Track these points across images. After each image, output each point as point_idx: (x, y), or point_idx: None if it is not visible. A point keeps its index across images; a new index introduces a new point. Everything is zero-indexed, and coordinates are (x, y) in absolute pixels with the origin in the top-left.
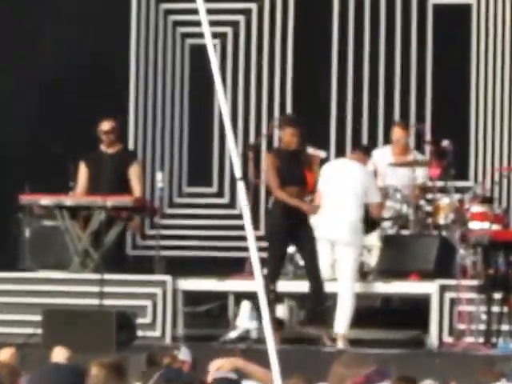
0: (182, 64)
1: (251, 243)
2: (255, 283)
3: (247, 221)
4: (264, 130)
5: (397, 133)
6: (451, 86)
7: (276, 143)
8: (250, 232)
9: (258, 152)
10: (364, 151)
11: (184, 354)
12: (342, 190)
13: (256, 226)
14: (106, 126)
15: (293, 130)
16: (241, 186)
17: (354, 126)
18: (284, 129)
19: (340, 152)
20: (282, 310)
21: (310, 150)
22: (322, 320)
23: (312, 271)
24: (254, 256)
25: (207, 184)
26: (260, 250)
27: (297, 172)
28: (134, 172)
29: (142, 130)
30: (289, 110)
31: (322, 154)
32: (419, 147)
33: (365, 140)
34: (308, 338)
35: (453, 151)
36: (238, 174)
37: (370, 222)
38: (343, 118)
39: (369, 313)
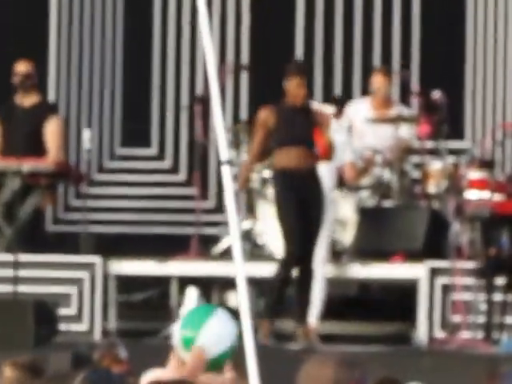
0: (114, 2)
1: (234, 230)
2: (235, 270)
3: (231, 207)
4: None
5: (377, 80)
6: (443, 24)
7: (229, 94)
8: (233, 217)
9: (206, 105)
10: (336, 104)
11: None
12: None
13: (204, 195)
14: (21, 67)
15: (300, 81)
16: (226, 171)
17: (324, 73)
18: (290, 79)
19: None
20: (234, 298)
21: (316, 106)
22: (287, 311)
23: (305, 256)
24: (236, 242)
25: (145, 144)
26: (209, 224)
27: (301, 132)
28: (50, 128)
29: (66, 78)
30: (244, 55)
31: (330, 109)
32: (405, 100)
33: (338, 90)
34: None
35: (446, 105)
36: (225, 155)
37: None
38: (311, 63)
39: (343, 302)
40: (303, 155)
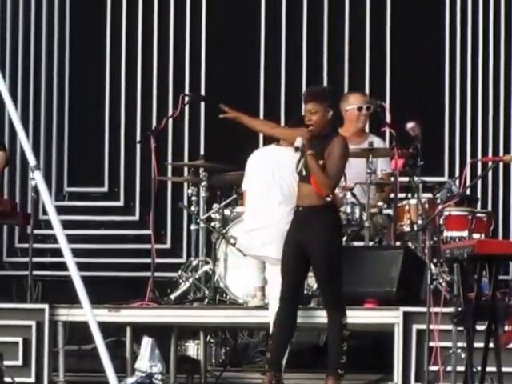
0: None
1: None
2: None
3: (53, 217)
4: (170, 111)
5: (358, 101)
6: (418, 53)
7: (186, 128)
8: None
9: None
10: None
11: None
12: (268, 189)
13: (160, 240)
14: None
15: (310, 107)
16: (38, 177)
17: (286, 94)
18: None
19: None
20: (194, 347)
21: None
22: (249, 360)
23: (324, 301)
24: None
25: (96, 183)
26: (165, 267)
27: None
28: None
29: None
30: (202, 84)
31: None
32: (375, 131)
33: None
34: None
35: (421, 136)
36: (32, 161)
37: None
38: (275, 85)
39: (311, 350)
40: (307, 192)
